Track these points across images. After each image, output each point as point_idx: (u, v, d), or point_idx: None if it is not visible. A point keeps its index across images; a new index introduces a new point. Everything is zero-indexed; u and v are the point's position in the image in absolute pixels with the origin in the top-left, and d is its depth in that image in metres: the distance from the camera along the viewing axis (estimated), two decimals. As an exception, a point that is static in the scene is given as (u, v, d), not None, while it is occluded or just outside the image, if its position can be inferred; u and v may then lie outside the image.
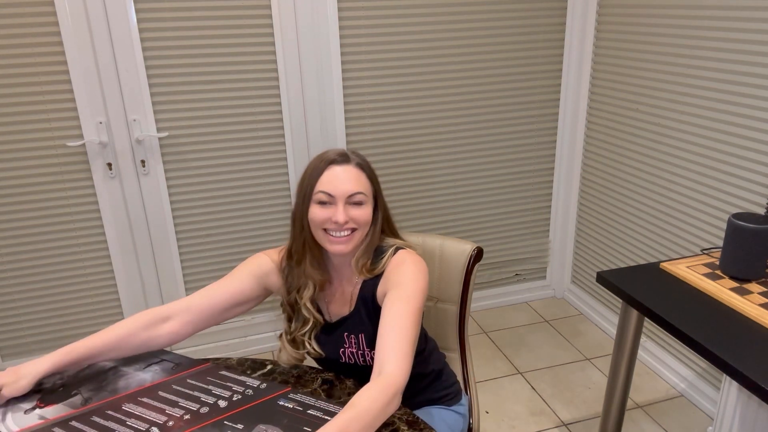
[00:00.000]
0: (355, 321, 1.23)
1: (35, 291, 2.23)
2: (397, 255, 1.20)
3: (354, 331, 1.23)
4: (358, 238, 1.18)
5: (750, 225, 1.35)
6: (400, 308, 1.08)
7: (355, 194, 1.15)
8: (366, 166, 1.19)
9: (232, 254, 2.41)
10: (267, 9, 2.13)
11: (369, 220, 1.18)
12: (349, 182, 1.14)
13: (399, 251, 1.21)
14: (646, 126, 2.25)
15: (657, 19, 2.13)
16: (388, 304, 1.10)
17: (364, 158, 1.21)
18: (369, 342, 1.21)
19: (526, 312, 2.86)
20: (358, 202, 1.16)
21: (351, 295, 1.24)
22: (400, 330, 1.05)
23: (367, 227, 1.19)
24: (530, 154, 2.69)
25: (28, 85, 2.00)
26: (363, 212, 1.16)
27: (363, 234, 1.19)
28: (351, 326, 1.23)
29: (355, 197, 1.15)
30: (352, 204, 1.15)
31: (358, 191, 1.15)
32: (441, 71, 2.41)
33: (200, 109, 2.19)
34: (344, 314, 1.24)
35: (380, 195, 1.22)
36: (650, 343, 2.40)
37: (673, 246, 2.19)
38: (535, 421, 2.13)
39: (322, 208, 1.15)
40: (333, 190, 1.14)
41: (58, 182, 2.13)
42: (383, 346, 1.04)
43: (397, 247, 1.22)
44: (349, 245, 1.16)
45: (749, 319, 1.28)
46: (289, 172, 2.35)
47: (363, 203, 1.16)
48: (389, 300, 1.11)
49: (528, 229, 2.83)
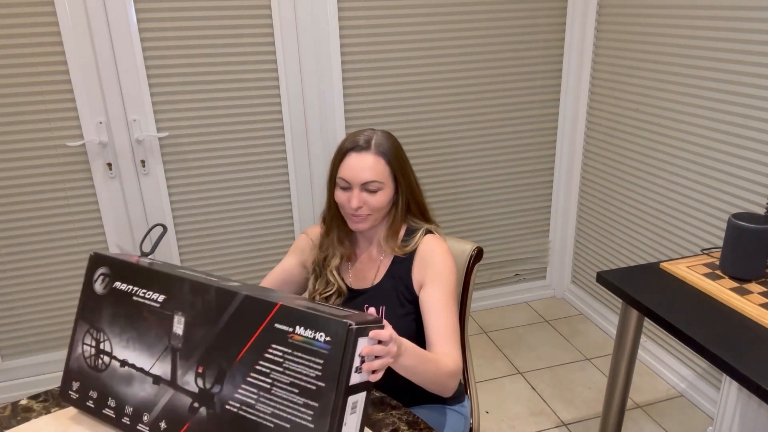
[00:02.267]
0: (378, 293, 1.29)
1: (35, 291, 2.23)
2: (427, 239, 1.28)
3: (375, 303, 1.28)
4: (375, 218, 1.26)
5: (750, 225, 1.35)
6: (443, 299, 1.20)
7: (369, 183, 1.21)
8: (387, 152, 1.23)
9: (232, 254, 2.41)
10: (267, 9, 2.13)
11: (383, 205, 1.24)
12: (364, 171, 1.21)
13: (428, 235, 1.29)
14: (646, 126, 2.25)
15: (657, 19, 2.13)
16: (432, 299, 1.21)
17: (389, 141, 1.25)
18: (389, 315, 1.27)
19: (526, 312, 2.86)
20: (373, 190, 1.22)
21: (377, 268, 1.31)
22: (446, 318, 1.18)
23: (383, 211, 1.26)
24: (530, 154, 2.69)
25: (28, 85, 2.00)
26: (377, 198, 1.23)
27: (380, 216, 1.27)
28: (372, 298, 1.29)
29: (369, 185, 1.21)
30: (368, 191, 1.22)
31: (372, 180, 1.21)
32: (441, 71, 2.41)
33: (200, 109, 2.19)
34: (367, 286, 1.31)
35: (404, 178, 1.27)
36: (650, 343, 2.40)
37: (673, 246, 2.19)
38: (535, 421, 2.13)
39: (342, 192, 1.24)
40: (351, 178, 1.22)
41: (58, 182, 2.13)
42: (438, 331, 1.17)
43: (427, 230, 1.30)
44: (366, 224, 1.25)
45: (749, 319, 1.28)
46: (289, 172, 2.35)
47: (378, 190, 1.22)
48: (431, 295, 1.21)
49: (528, 229, 2.83)
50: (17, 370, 2.30)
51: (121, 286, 1.07)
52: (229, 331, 0.94)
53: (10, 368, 2.29)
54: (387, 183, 1.24)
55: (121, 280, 1.08)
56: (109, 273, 1.09)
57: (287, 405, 0.86)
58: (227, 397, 0.91)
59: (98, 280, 1.10)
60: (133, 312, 1.04)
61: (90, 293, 1.10)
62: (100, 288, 1.09)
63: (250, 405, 0.89)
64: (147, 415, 0.98)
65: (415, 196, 1.31)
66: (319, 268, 1.34)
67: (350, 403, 0.84)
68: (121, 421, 1.00)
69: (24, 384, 2.31)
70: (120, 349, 1.04)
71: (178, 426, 0.94)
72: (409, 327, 1.29)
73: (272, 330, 0.89)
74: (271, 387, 0.88)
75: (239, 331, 0.93)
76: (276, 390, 0.87)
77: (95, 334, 1.07)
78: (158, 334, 1.01)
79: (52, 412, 1.09)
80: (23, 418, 1.08)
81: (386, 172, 1.23)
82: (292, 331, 0.87)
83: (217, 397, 0.92)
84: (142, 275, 1.06)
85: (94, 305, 1.09)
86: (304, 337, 0.86)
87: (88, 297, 1.10)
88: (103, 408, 1.02)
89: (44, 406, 1.12)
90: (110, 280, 1.09)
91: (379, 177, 1.22)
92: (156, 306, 1.03)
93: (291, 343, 0.87)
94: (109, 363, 1.04)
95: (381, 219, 1.29)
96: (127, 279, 1.07)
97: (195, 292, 0.99)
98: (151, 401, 0.98)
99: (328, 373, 0.83)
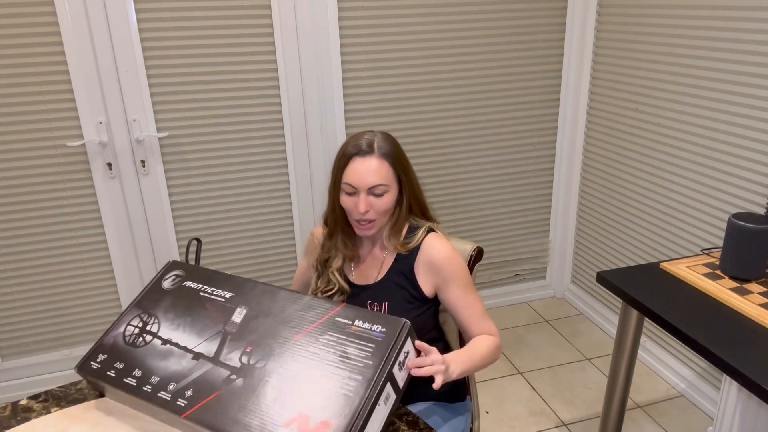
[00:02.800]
0: (381, 290, 1.31)
1: (35, 291, 2.23)
2: (430, 238, 1.30)
3: (378, 299, 1.30)
4: (381, 222, 1.28)
5: (750, 225, 1.35)
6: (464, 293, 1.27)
7: (376, 186, 1.22)
8: (390, 153, 1.24)
9: (232, 254, 2.41)
10: (267, 9, 2.13)
11: (389, 208, 1.26)
12: (370, 175, 1.21)
13: (430, 234, 1.31)
14: (646, 126, 2.25)
15: (657, 19, 2.13)
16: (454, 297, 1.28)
17: (390, 143, 1.26)
18: (392, 311, 1.29)
19: (526, 312, 2.86)
20: (379, 194, 1.23)
21: (380, 265, 1.32)
22: (472, 305, 1.27)
23: (386, 214, 1.28)
24: (530, 154, 2.69)
25: (28, 85, 2.00)
26: (383, 201, 1.24)
27: (386, 219, 1.29)
28: (375, 294, 1.31)
29: (376, 189, 1.22)
30: (374, 195, 1.23)
31: (378, 183, 1.22)
32: (441, 71, 2.41)
33: (200, 109, 2.19)
34: (370, 282, 1.33)
35: (407, 178, 1.28)
36: (650, 343, 2.40)
37: (673, 246, 2.19)
38: (535, 421, 2.13)
39: (348, 197, 1.25)
40: (357, 183, 1.22)
41: (58, 182, 2.13)
42: (471, 320, 1.27)
43: (429, 228, 1.32)
44: (373, 230, 1.27)
45: (749, 319, 1.28)
46: (289, 172, 2.35)
47: (384, 193, 1.24)
48: (452, 294, 1.27)
49: (528, 229, 2.83)
50: (17, 370, 2.30)
51: (191, 285, 1.13)
52: (288, 322, 1.00)
53: (10, 368, 2.29)
54: (392, 185, 1.25)
55: (192, 281, 1.14)
56: (183, 275, 1.16)
57: (330, 377, 0.90)
58: (270, 370, 0.94)
59: (169, 279, 1.15)
60: (195, 303, 1.09)
61: (155, 287, 1.15)
62: (169, 284, 1.14)
63: (293, 377, 0.92)
64: (173, 385, 0.98)
65: (417, 195, 1.32)
66: (322, 267, 1.36)
67: (385, 391, 0.89)
68: (142, 389, 0.99)
69: (24, 384, 2.31)
70: (168, 331, 1.05)
71: (205, 395, 0.94)
72: (427, 323, 1.33)
73: (332, 322, 0.97)
74: (318, 363, 0.92)
75: (299, 322, 0.99)
76: (323, 365, 0.92)
77: (145, 318, 1.09)
78: (215, 321, 1.04)
79: (52, 412, 1.09)
80: (23, 418, 1.08)
81: (391, 174, 1.24)
82: (351, 323, 0.96)
83: (259, 371, 0.94)
84: (215, 278, 1.13)
85: (156, 296, 1.13)
86: (361, 328, 0.95)
87: (151, 290, 1.15)
88: (126, 377, 1.02)
89: (44, 406, 1.12)
90: (181, 280, 1.14)
91: (385, 180, 1.23)
92: (221, 300, 1.08)
93: (348, 331, 0.95)
94: (150, 341, 1.05)
95: (386, 221, 1.30)
96: (199, 280, 1.13)
97: (265, 293, 1.07)
98: (183, 374, 0.98)
99: (377, 353, 0.91)
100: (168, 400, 0.95)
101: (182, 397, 0.95)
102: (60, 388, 1.16)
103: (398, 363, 0.92)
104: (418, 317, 1.29)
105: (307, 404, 0.88)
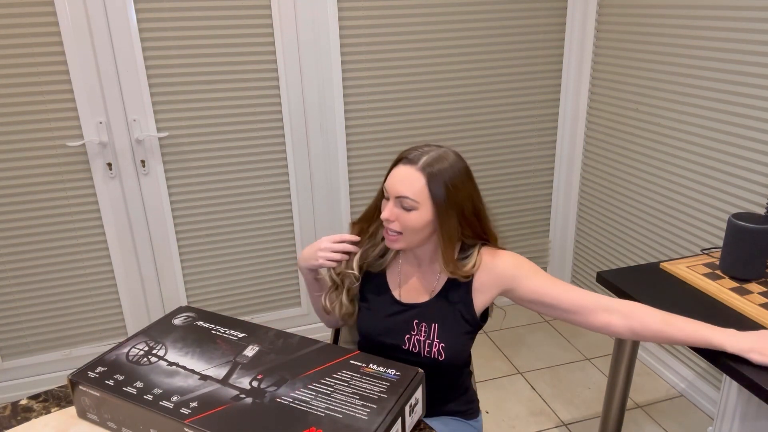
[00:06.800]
0: (432, 310, 1.23)
1: (35, 291, 2.23)
2: (484, 255, 1.22)
3: (426, 320, 1.22)
4: (409, 240, 1.18)
5: (750, 225, 1.35)
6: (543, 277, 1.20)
7: (402, 198, 1.13)
8: (434, 173, 1.12)
9: (232, 254, 2.41)
10: (267, 9, 2.13)
11: (417, 227, 1.14)
12: (401, 184, 1.13)
13: (483, 248, 1.22)
14: (646, 126, 2.25)
15: (657, 19, 2.13)
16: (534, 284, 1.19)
17: (443, 163, 1.13)
18: (440, 333, 1.20)
19: (526, 312, 2.86)
20: (407, 207, 1.13)
21: (434, 286, 1.24)
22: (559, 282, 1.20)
23: (415, 233, 1.16)
24: (530, 154, 2.69)
25: (28, 85, 2.00)
26: (410, 218, 1.13)
27: (413, 239, 1.17)
28: (424, 315, 1.23)
29: (403, 201, 1.13)
30: (402, 207, 1.14)
31: (405, 195, 1.12)
32: (441, 71, 2.41)
33: (200, 109, 2.19)
34: (419, 301, 1.24)
35: (451, 207, 1.14)
36: (650, 342, 2.40)
37: (673, 246, 2.19)
38: (535, 421, 2.13)
39: (384, 201, 1.19)
40: (389, 188, 1.16)
41: (58, 182, 2.13)
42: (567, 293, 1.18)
43: (482, 244, 1.23)
44: (396, 245, 1.19)
45: (749, 319, 1.28)
46: (289, 172, 2.35)
47: (412, 209, 1.13)
48: (533, 281, 1.19)
49: (528, 229, 2.83)
50: (17, 370, 2.30)
51: (203, 324, 1.13)
52: (302, 360, 1.01)
53: (10, 368, 2.29)
54: (424, 204, 1.13)
55: (204, 321, 1.14)
56: (194, 316, 1.16)
57: (344, 403, 0.90)
58: (281, 394, 0.93)
59: (180, 318, 1.15)
60: (205, 338, 1.08)
61: (164, 322, 1.14)
62: (179, 322, 1.14)
63: (305, 402, 0.91)
64: (177, 397, 0.94)
65: (472, 226, 1.19)
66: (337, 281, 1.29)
67: (395, 426, 0.89)
68: (143, 397, 0.94)
69: (24, 384, 2.31)
70: (175, 356, 1.04)
71: (211, 407, 0.91)
72: (467, 345, 1.25)
73: (346, 363, 0.99)
74: (332, 392, 0.93)
75: (313, 361, 1.00)
76: (336, 394, 0.92)
77: (152, 344, 1.08)
78: (225, 353, 1.03)
79: (52, 412, 1.09)
80: (23, 418, 1.08)
81: (425, 193, 1.12)
82: (365, 366, 0.98)
83: (270, 393, 0.93)
84: (227, 321, 1.13)
85: (164, 328, 1.12)
86: (375, 370, 0.97)
87: (160, 323, 1.14)
88: (126, 387, 0.97)
89: (44, 406, 1.11)
90: (192, 320, 1.14)
91: (414, 195, 1.12)
92: (233, 338, 1.08)
93: (362, 371, 0.97)
94: (155, 362, 1.03)
95: (419, 242, 1.19)
96: (211, 321, 1.14)
97: (279, 336, 1.08)
98: (188, 389, 0.95)
99: (392, 389, 0.92)
100: (170, 408, 0.91)
101: (186, 407, 0.91)
102: (60, 388, 1.16)
103: (409, 405, 0.92)
104: (467, 340, 1.24)
105: (320, 424, 0.86)
